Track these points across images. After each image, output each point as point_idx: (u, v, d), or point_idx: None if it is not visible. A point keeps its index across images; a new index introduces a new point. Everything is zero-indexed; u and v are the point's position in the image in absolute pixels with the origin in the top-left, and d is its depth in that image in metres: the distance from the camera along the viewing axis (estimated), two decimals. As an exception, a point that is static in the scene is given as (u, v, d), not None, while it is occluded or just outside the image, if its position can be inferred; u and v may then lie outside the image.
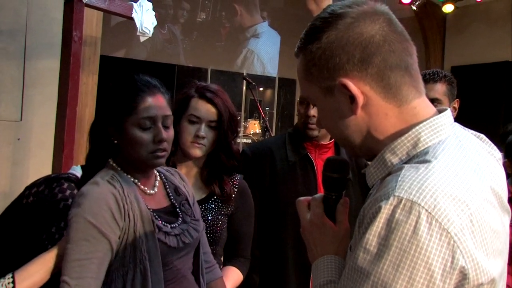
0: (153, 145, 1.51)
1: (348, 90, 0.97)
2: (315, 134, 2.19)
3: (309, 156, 2.22)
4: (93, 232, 1.40)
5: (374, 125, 1.00)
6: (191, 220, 1.66)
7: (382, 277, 0.83)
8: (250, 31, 9.16)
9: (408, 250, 0.82)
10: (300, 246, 2.14)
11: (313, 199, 1.17)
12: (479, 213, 0.86)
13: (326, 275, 1.08)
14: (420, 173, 0.87)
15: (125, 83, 1.58)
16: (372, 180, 1.03)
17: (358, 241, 0.89)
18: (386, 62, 0.97)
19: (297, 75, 1.09)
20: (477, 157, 0.98)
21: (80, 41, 3.09)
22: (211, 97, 1.95)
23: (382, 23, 0.98)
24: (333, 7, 1.02)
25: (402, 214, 0.83)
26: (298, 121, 2.28)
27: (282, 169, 2.19)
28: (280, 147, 2.25)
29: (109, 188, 1.47)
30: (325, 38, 0.99)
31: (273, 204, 2.18)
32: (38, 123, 3.76)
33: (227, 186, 1.99)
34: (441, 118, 0.99)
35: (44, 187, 1.82)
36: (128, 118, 1.51)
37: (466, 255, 0.83)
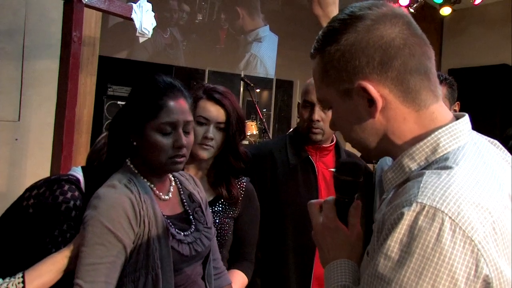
0: (172, 151, 1.50)
1: (368, 93, 0.96)
2: (319, 138, 2.19)
3: (310, 159, 2.22)
4: (109, 237, 1.40)
5: (392, 129, 0.99)
6: (204, 228, 1.65)
7: (404, 285, 0.82)
8: (251, 35, 9.17)
9: (431, 258, 0.81)
10: (301, 248, 2.17)
11: (325, 202, 1.17)
12: (501, 221, 0.86)
13: (339, 279, 1.07)
14: (442, 179, 0.87)
15: (147, 86, 1.55)
16: (389, 185, 1.02)
17: (378, 247, 0.88)
18: (406, 66, 0.96)
19: (313, 76, 1.08)
20: (494, 164, 0.97)
21: (79, 41, 3.07)
22: (220, 98, 1.94)
23: (402, 26, 0.98)
24: (352, 9, 1.01)
25: (425, 221, 0.83)
26: (300, 124, 2.27)
27: (283, 172, 2.19)
28: (281, 150, 2.24)
29: (126, 192, 1.46)
30: (344, 40, 0.98)
31: (274, 206, 2.18)
32: (36, 123, 3.74)
33: (234, 188, 1.98)
34: (460, 124, 0.98)
35: (44, 189, 1.81)
36: (149, 122, 1.49)
37: (490, 263, 0.82)
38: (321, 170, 2.23)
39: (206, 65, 8.37)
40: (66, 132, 3.06)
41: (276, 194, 2.18)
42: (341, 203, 1.15)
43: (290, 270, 2.14)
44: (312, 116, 2.16)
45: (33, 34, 3.68)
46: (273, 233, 2.18)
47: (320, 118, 2.16)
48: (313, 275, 2.13)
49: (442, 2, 6.76)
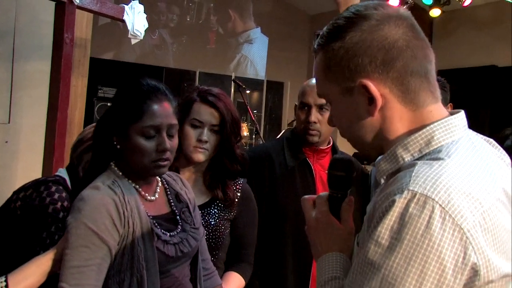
0: (156, 154, 1.49)
1: (368, 91, 0.98)
2: (316, 140, 2.19)
3: (307, 161, 2.22)
4: (93, 239, 1.38)
5: (387, 126, 1.01)
6: (191, 229, 1.64)
7: (393, 270, 0.84)
8: (243, 36, 9.19)
9: (421, 244, 0.83)
10: (299, 250, 2.17)
11: (318, 197, 1.19)
12: (492, 212, 0.88)
13: (330, 272, 1.09)
14: (434, 169, 0.89)
15: (131, 89, 1.54)
16: (382, 174, 1.04)
17: (369, 234, 0.89)
18: (407, 67, 0.98)
19: (314, 71, 1.09)
20: (489, 159, 0.99)
21: (71, 43, 3.07)
22: (213, 100, 1.93)
23: (406, 28, 0.99)
24: (358, 8, 1.02)
25: (416, 208, 0.84)
26: (297, 126, 2.28)
27: (281, 174, 2.19)
28: (279, 152, 2.24)
29: (110, 193, 1.45)
30: (348, 38, 1.00)
31: (272, 208, 2.18)
32: (26, 125, 3.72)
33: (230, 190, 1.97)
34: (455, 118, 1.00)
35: (32, 191, 1.80)
36: (133, 126, 1.48)
37: (478, 251, 0.84)
38: (318, 172, 2.23)
39: (197, 66, 8.36)
40: (58, 134, 3.05)
41: (274, 196, 2.18)
42: (334, 198, 1.17)
43: (289, 271, 2.14)
44: (308, 118, 2.16)
45: (23, 36, 3.66)
46: (271, 235, 2.17)
47: (317, 120, 2.16)
48: (312, 277, 2.13)
49: (432, 3, 6.82)
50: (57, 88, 3.05)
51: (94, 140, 1.61)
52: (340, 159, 1.19)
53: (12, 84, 3.64)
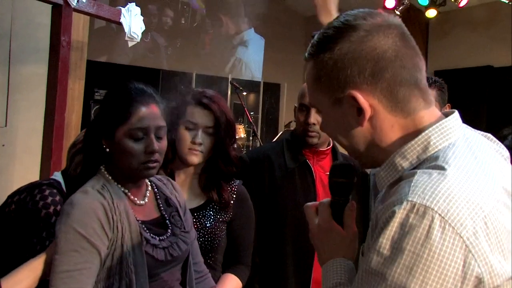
0: (145, 156, 1.49)
1: (357, 102, 0.99)
2: (315, 141, 2.19)
3: (307, 163, 2.22)
4: (82, 243, 1.38)
5: (379, 136, 1.02)
6: (181, 232, 1.64)
7: (395, 280, 0.85)
8: (236, 38, 9.19)
9: (421, 254, 0.84)
10: (300, 253, 2.16)
11: (320, 203, 1.20)
12: (493, 215, 0.88)
13: (335, 278, 1.10)
14: (432, 178, 0.89)
15: (119, 91, 1.55)
16: (382, 184, 1.05)
17: (372, 244, 0.90)
18: (396, 78, 0.98)
19: (305, 80, 1.11)
20: (486, 157, 0.99)
21: (68, 46, 3.05)
22: (207, 103, 1.93)
23: (395, 38, 1.00)
24: (347, 17, 1.03)
25: (416, 219, 0.85)
26: (296, 128, 2.28)
27: (281, 176, 2.19)
28: (279, 154, 2.24)
29: (99, 198, 1.45)
30: (337, 49, 1.00)
31: (272, 210, 2.17)
32: (23, 129, 3.70)
33: (225, 192, 1.97)
34: (449, 121, 1.00)
35: (25, 194, 1.79)
36: (120, 128, 1.49)
37: (479, 259, 0.84)
38: (318, 173, 2.23)
39: (193, 68, 8.35)
40: (55, 137, 3.03)
41: (274, 198, 2.17)
42: (336, 204, 1.17)
43: (289, 274, 2.13)
44: (308, 120, 2.16)
45: (20, 39, 3.65)
46: (271, 237, 2.17)
47: (316, 122, 2.16)
48: (312, 279, 2.13)
49: (428, 4, 6.83)
50: (54, 91, 3.04)
51: (84, 144, 1.62)
52: (340, 165, 1.20)
53: (8, 87, 3.62)
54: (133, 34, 3.51)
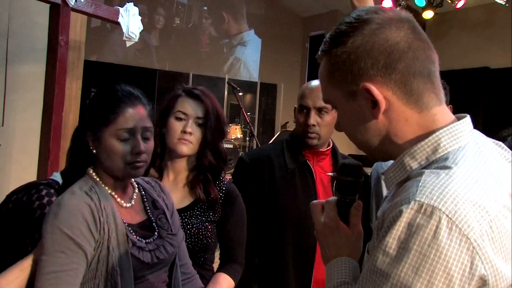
0: (131, 157, 1.49)
1: (371, 94, 0.99)
2: (315, 142, 2.18)
3: (307, 163, 2.21)
4: (69, 244, 1.37)
5: (394, 130, 1.01)
6: (167, 235, 1.63)
7: (401, 280, 0.85)
8: (236, 38, 9.22)
9: (428, 254, 0.83)
10: (300, 253, 2.16)
11: (327, 202, 1.19)
12: (499, 220, 0.88)
13: (339, 277, 1.10)
14: (441, 179, 0.89)
15: (106, 92, 1.55)
16: (390, 183, 1.05)
17: (377, 243, 0.90)
18: (409, 69, 0.98)
19: (319, 77, 1.10)
20: (495, 163, 0.99)
21: (66, 45, 3.04)
22: (198, 94, 1.94)
23: (407, 30, 1.00)
24: (359, 12, 1.03)
25: (423, 219, 0.85)
26: (296, 129, 2.27)
27: (281, 177, 2.18)
28: (279, 155, 2.23)
29: (86, 199, 1.45)
30: (350, 42, 1.00)
31: (273, 211, 2.16)
32: (20, 128, 3.69)
33: (212, 190, 1.95)
34: (461, 124, 1.00)
35: (23, 194, 1.78)
36: (106, 128, 1.48)
37: (485, 261, 0.84)
38: (318, 174, 2.22)
39: (190, 68, 8.35)
40: (53, 137, 3.02)
41: (274, 198, 2.16)
42: (342, 203, 1.17)
43: (290, 274, 2.12)
44: (307, 121, 2.16)
45: (17, 38, 3.63)
46: (272, 238, 2.16)
47: (316, 123, 2.15)
48: (313, 280, 2.12)
49: (425, 5, 6.86)
50: (52, 91, 3.03)
51: (71, 145, 1.61)
52: (349, 165, 1.20)
53: (5, 87, 3.61)
54: (131, 34, 3.50)
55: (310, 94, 2.17)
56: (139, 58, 8.22)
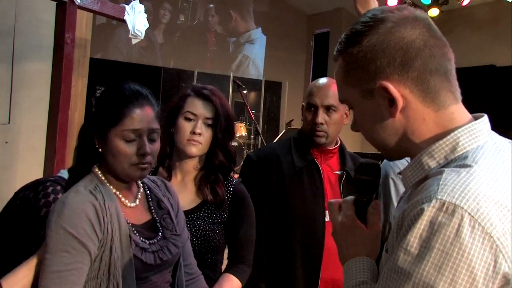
0: (136, 158, 1.48)
1: (388, 93, 0.99)
2: (323, 141, 2.17)
3: (315, 162, 2.20)
4: (73, 243, 1.37)
5: (411, 128, 1.01)
6: (171, 236, 1.62)
7: (423, 278, 0.84)
8: (244, 36, 9.22)
9: (451, 253, 0.83)
10: (308, 252, 2.15)
11: (344, 201, 1.19)
12: None
13: (358, 276, 1.09)
14: (462, 177, 0.89)
15: (113, 91, 1.54)
16: (408, 182, 1.04)
17: (398, 242, 0.90)
18: (426, 67, 0.98)
19: (335, 77, 1.10)
20: None
21: (72, 43, 3.05)
22: (208, 94, 1.92)
23: (423, 29, 1.00)
24: (374, 12, 1.04)
25: (445, 217, 0.85)
26: (304, 127, 2.27)
27: (288, 175, 2.17)
28: (286, 153, 2.22)
29: (90, 198, 1.44)
30: (366, 41, 1.00)
31: (280, 210, 2.16)
32: (26, 126, 3.70)
33: (220, 189, 1.94)
34: (479, 123, 1.00)
35: (30, 191, 1.78)
36: (113, 129, 1.47)
37: (509, 259, 0.84)
38: (326, 172, 2.21)
39: (195, 66, 8.35)
40: (59, 135, 3.03)
41: (282, 197, 2.16)
42: (359, 202, 1.17)
43: (297, 273, 2.11)
44: (315, 119, 2.15)
45: (23, 36, 3.64)
46: (279, 236, 2.15)
47: (324, 121, 2.15)
48: (321, 279, 2.12)
49: (430, 3, 6.84)
50: (58, 89, 3.04)
51: (77, 143, 1.59)
52: (367, 164, 1.19)
53: (12, 85, 3.62)
54: (137, 31, 3.51)
55: (318, 92, 2.16)
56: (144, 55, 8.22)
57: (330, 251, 2.12)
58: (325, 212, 2.15)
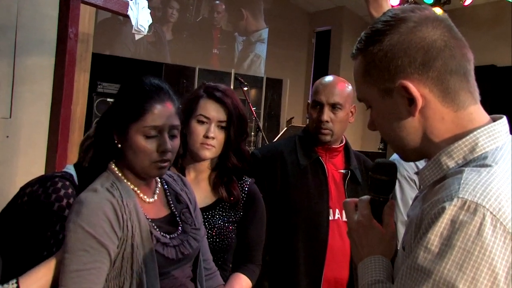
0: (157, 155, 1.46)
1: (408, 92, 0.99)
2: (328, 139, 2.17)
3: (320, 160, 2.20)
4: (91, 243, 1.37)
5: (430, 128, 1.02)
6: (191, 230, 1.62)
7: (444, 276, 0.85)
8: (255, 35, 9.22)
9: (472, 251, 0.84)
10: (311, 250, 2.15)
11: (360, 200, 1.20)
12: None
13: (373, 275, 1.09)
14: (483, 176, 0.89)
15: (133, 87, 1.52)
16: (426, 182, 1.05)
17: (418, 241, 0.90)
18: (446, 67, 0.99)
19: (354, 76, 1.11)
20: None
21: (76, 38, 3.03)
22: (220, 96, 1.91)
23: (443, 29, 1.01)
24: (395, 11, 1.04)
25: (467, 216, 0.85)
26: (309, 125, 2.26)
27: (293, 173, 2.17)
28: (291, 151, 2.22)
29: (108, 196, 1.43)
30: (387, 40, 1.01)
31: (284, 208, 2.15)
32: (28, 121, 3.68)
33: (235, 189, 1.94)
34: (498, 125, 1.01)
35: (38, 186, 1.78)
36: (133, 124, 1.46)
37: None
38: (331, 171, 2.21)
39: (197, 63, 8.33)
40: (61, 130, 3.01)
41: (286, 195, 2.16)
42: (375, 202, 1.17)
43: (300, 273, 2.12)
44: (321, 117, 2.14)
45: (25, 30, 3.62)
46: (283, 234, 2.15)
47: (329, 119, 2.14)
48: (323, 278, 2.12)
49: (432, 3, 6.82)
50: (61, 84, 3.02)
51: (95, 138, 1.59)
52: (383, 163, 1.19)
53: (13, 79, 3.60)
54: (140, 27, 3.49)
55: (324, 90, 2.16)
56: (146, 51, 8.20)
57: (333, 250, 2.12)
58: (329, 211, 2.14)
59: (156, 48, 8.34)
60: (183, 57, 8.48)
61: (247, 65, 9.10)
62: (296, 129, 4.58)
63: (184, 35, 8.62)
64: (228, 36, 9.13)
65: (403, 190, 2.22)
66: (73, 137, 3.75)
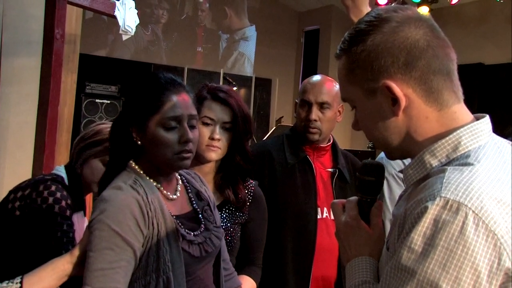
0: (179, 146, 1.45)
1: (392, 92, 1.00)
2: (316, 138, 2.18)
3: (308, 159, 2.20)
4: (117, 241, 1.35)
5: (414, 127, 1.02)
6: (213, 227, 1.60)
7: (428, 276, 0.85)
8: (238, 33, 9.21)
9: (455, 250, 0.84)
10: (300, 250, 2.15)
11: (348, 201, 1.20)
12: None
13: (361, 276, 1.10)
14: (465, 175, 0.90)
15: (149, 81, 1.52)
16: (410, 180, 1.05)
17: (401, 241, 0.91)
18: (429, 66, 1.00)
19: (338, 76, 1.11)
20: None
21: (62, 39, 3.01)
22: (225, 97, 1.90)
23: (426, 29, 1.01)
24: (378, 11, 1.05)
25: (449, 215, 0.86)
26: (297, 124, 2.26)
27: (281, 172, 2.17)
28: (279, 149, 2.22)
29: (133, 193, 1.41)
30: (370, 40, 1.02)
31: (272, 207, 2.15)
32: (14, 122, 3.65)
33: (241, 191, 1.93)
34: (481, 123, 1.01)
35: (30, 190, 1.77)
36: (152, 118, 1.45)
37: None
38: (318, 170, 2.22)
39: (185, 63, 8.31)
40: (48, 131, 2.99)
41: (274, 194, 2.15)
42: (363, 202, 1.18)
43: (289, 271, 2.12)
44: (309, 116, 2.15)
45: (11, 31, 3.59)
46: (271, 234, 2.15)
47: (317, 118, 2.15)
48: (312, 277, 2.12)
49: (420, 1, 6.86)
50: (47, 85, 2.99)
51: (111, 140, 1.56)
52: (371, 164, 1.19)
53: (0, 80, 3.57)
54: (127, 27, 3.48)
55: (312, 89, 2.16)
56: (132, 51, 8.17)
57: (321, 248, 2.12)
58: (317, 209, 2.15)
59: (145, 48, 8.32)
60: (170, 57, 8.46)
61: (231, 63, 9.09)
62: (285, 129, 4.58)
63: (174, 36, 8.60)
64: (212, 35, 9.12)
65: (391, 188, 2.23)
66: (60, 138, 3.72)
